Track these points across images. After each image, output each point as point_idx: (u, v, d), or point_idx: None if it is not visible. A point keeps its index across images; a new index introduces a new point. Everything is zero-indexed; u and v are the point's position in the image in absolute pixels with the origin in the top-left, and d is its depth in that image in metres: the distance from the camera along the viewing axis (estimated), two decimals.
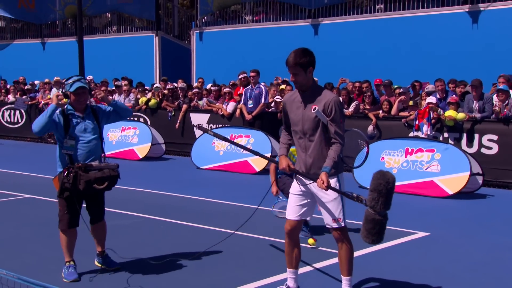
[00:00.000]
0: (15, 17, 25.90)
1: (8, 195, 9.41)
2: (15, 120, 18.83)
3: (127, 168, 11.10)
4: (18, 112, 18.67)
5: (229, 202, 8.94)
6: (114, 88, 17.11)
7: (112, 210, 7.32)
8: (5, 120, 19.07)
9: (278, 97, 13.05)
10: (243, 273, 5.58)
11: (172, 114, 15.00)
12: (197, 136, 13.66)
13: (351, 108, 12.34)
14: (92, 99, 14.35)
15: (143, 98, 15.70)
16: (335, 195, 4.64)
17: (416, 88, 12.96)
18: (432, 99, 11.07)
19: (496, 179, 10.46)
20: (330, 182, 4.52)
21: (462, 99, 11.37)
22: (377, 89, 13.00)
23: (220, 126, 13.77)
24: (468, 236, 7.10)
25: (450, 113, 10.80)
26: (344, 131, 4.71)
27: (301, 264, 5.07)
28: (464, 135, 10.84)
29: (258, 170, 11.92)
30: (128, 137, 14.43)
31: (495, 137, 10.54)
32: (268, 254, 6.25)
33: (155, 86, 16.27)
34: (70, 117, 5.36)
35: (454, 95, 11.50)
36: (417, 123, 10.87)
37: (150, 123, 15.09)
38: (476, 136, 10.72)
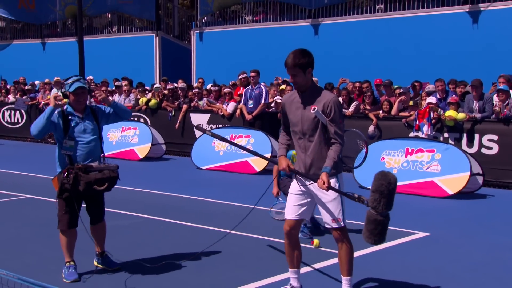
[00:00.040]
0: (15, 18, 25.91)
1: (8, 195, 9.41)
2: (15, 120, 18.83)
3: (127, 168, 11.10)
4: (18, 112, 18.68)
5: (229, 202, 8.94)
6: (114, 88, 17.11)
7: (112, 210, 7.33)
8: (5, 120, 19.08)
9: (278, 97, 13.04)
10: (243, 273, 5.58)
11: (172, 114, 15.00)
12: (197, 136, 13.66)
13: (352, 108, 12.34)
14: (92, 99, 14.38)
15: (143, 98, 15.70)
16: (335, 195, 4.64)
17: (416, 88, 12.97)
18: (432, 99, 11.07)
19: (496, 179, 10.46)
20: (330, 182, 4.52)
21: (462, 99, 11.37)
22: (377, 89, 13.00)
23: (220, 126, 13.77)
24: (468, 236, 7.10)
25: (450, 113, 10.80)
26: (344, 131, 4.71)
27: (301, 264, 5.06)
28: (464, 135, 10.84)
29: (258, 170, 11.92)
30: (128, 137, 14.43)
31: (495, 137, 10.54)
32: (268, 254, 6.24)
33: (155, 86, 16.26)
34: (69, 117, 5.34)
35: (454, 95, 11.50)
36: (417, 123, 10.87)
37: (150, 123, 15.09)
38: (476, 136, 10.72)
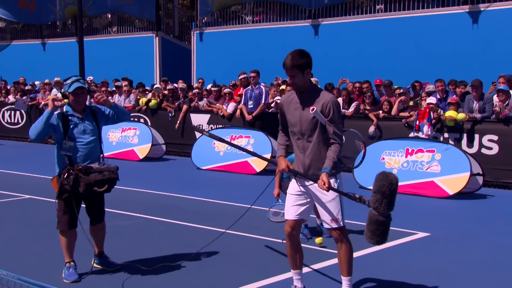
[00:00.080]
0: (15, 19, 25.91)
1: (9, 195, 9.41)
2: (16, 121, 18.83)
3: (127, 168, 11.10)
4: (19, 112, 18.69)
5: (229, 202, 8.94)
6: (114, 88, 17.11)
7: (112, 210, 7.33)
8: (5, 120, 19.08)
9: (278, 97, 13.04)
10: (244, 273, 5.58)
11: (173, 114, 15.00)
12: (197, 137, 13.66)
13: (352, 109, 12.34)
14: (92, 100, 14.38)
15: (143, 98, 15.70)
16: (334, 195, 4.63)
17: (416, 88, 12.97)
18: (432, 100, 11.07)
19: (496, 179, 10.46)
20: (330, 182, 4.52)
21: (463, 100, 11.37)
22: (377, 89, 13.00)
23: (220, 126, 13.77)
24: (468, 237, 7.10)
25: (450, 113, 10.80)
26: (343, 132, 4.71)
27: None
28: (465, 136, 10.84)
29: (258, 170, 11.92)
30: (129, 137, 14.43)
31: (495, 137, 10.54)
32: (268, 254, 6.24)
33: (155, 86, 16.27)
34: (69, 118, 5.34)
35: (454, 96, 11.50)
36: (417, 123, 10.87)
37: (150, 124, 15.09)
38: (477, 136, 10.72)
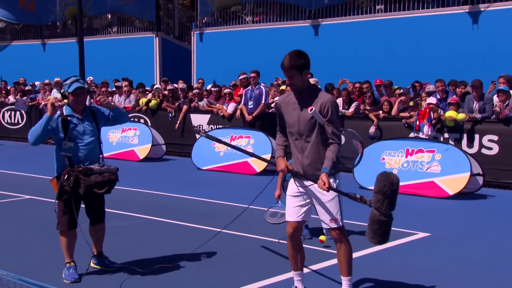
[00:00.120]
0: (16, 20, 25.90)
1: (9, 196, 9.41)
2: (16, 121, 18.83)
3: (127, 169, 11.10)
4: (19, 113, 18.68)
5: (229, 203, 8.94)
6: (114, 89, 17.11)
7: (112, 211, 7.32)
8: (5, 121, 19.08)
9: (278, 97, 13.05)
10: (244, 273, 5.58)
11: (173, 115, 15.00)
12: (197, 137, 13.66)
13: (352, 109, 12.34)
14: (92, 100, 14.38)
15: (143, 99, 15.70)
16: (333, 195, 4.63)
17: (416, 88, 12.97)
18: (432, 100, 11.07)
19: (496, 179, 10.46)
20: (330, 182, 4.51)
21: (463, 100, 11.37)
22: (377, 89, 13.00)
23: (220, 127, 13.77)
24: (468, 237, 7.10)
25: (451, 113, 10.80)
26: (341, 132, 4.71)
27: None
28: (465, 136, 10.84)
29: (258, 171, 11.92)
30: (129, 138, 14.43)
31: (495, 137, 10.54)
32: (268, 254, 6.24)
33: (155, 87, 16.27)
34: (68, 118, 5.33)
35: (454, 96, 11.49)
36: (417, 123, 10.87)
37: (150, 124, 15.08)
38: (477, 136, 10.72)
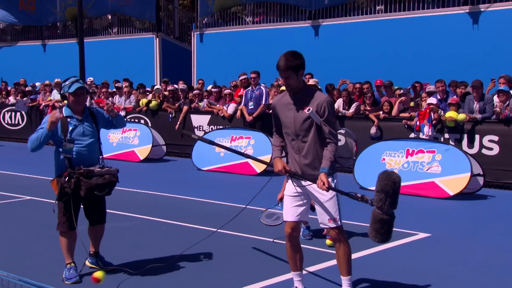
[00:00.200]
0: (16, 22, 25.90)
1: (9, 197, 9.41)
2: (16, 122, 18.83)
3: (128, 169, 11.10)
4: (19, 114, 18.69)
5: (230, 203, 8.94)
6: (114, 89, 17.11)
7: (113, 212, 7.32)
8: (5, 122, 19.08)
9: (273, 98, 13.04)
10: (244, 274, 5.58)
11: (173, 115, 15.00)
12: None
13: (352, 109, 12.34)
14: (92, 101, 14.40)
15: (143, 99, 15.71)
16: (331, 195, 4.63)
17: (416, 89, 12.97)
18: (432, 100, 11.07)
19: (497, 180, 10.46)
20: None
21: (463, 100, 11.37)
22: (377, 90, 13.00)
23: (220, 127, 13.77)
24: (469, 237, 7.09)
25: (451, 114, 10.80)
26: (337, 131, 4.71)
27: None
28: (465, 136, 10.84)
29: (258, 171, 11.92)
30: (129, 138, 14.43)
31: (495, 138, 10.54)
32: (269, 255, 6.23)
33: (155, 87, 16.27)
34: (68, 119, 5.33)
35: (454, 96, 11.49)
36: (418, 124, 10.87)
37: (150, 125, 15.08)
38: (477, 137, 10.72)
